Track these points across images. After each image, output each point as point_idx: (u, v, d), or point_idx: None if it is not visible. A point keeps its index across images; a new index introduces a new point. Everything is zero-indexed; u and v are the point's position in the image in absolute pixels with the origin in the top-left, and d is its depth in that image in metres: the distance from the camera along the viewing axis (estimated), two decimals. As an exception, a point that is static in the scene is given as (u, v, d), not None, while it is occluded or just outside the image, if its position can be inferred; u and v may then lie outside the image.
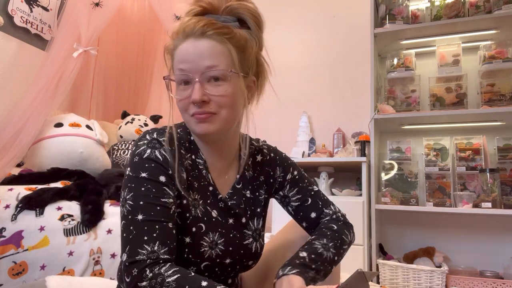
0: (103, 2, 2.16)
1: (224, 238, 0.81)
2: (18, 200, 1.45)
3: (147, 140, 0.77)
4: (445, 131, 2.24)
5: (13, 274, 1.31)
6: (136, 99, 2.95)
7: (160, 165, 0.75)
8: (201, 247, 0.77)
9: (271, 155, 0.95)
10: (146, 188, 0.72)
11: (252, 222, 0.87)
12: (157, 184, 0.73)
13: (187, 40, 0.76)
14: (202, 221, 0.79)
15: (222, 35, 0.76)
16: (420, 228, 2.22)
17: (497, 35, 2.14)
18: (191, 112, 0.77)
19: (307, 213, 0.90)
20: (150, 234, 0.68)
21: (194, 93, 0.74)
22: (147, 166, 0.74)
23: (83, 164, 1.89)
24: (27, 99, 1.87)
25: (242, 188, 0.88)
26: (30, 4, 2.26)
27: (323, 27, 2.74)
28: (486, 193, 1.90)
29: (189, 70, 0.76)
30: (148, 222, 0.69)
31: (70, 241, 1.40)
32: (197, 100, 0.74)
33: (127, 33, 2.90)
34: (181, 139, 0.82)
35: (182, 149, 0.81)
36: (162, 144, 0.77)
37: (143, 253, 0.67)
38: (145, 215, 0.70)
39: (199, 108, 0.75)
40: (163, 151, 0.76)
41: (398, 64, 2.26)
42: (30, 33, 2.26)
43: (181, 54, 0.76)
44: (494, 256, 2.06)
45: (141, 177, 0.73)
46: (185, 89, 0.77)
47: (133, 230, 0.69)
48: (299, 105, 2.68)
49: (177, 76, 0.77)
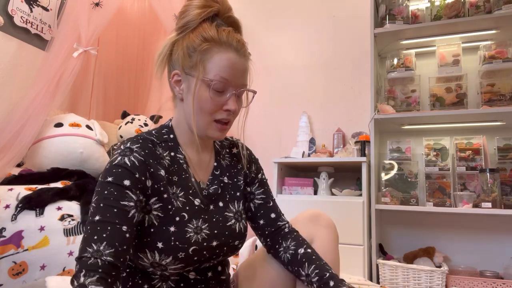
0: (103, 2, 2.16)
1: (208, 223, 0.86)
2: (18, 200, 1.45)
3: (121, 149, 0.81)
4: (445, 131, 2.24)
5: (13, 274, 1.31)
6: (136, 99, 2.95)
7: (126, 170, 0.78)
8: (186, 233, 0.82)
9: (248, 151, 1.05)
10: (108, 191, 0.75)
11: (232, 205, 0.94)
12: (119, 187, 0.76)
13: (231, 51, 0.84)
14: (184, 210, 0.84)
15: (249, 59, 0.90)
16: (420, 228, 2.22)
17: (497, 35, 2.14)
18: (217, 117, 0.85)
19: (268, 213, 0.99)
20: (100, 234, 0.71)
21: (232, 103, 0.84)
22: (114, 172, 0.77)
23: (83, 164, 1.89)
24: (27, 99, 1.87)
25: (220, 175, 0.96)
26: (30, 4, 2.26)
27: (323, 27, 2.74)
28: (486, 193, 1.90)
29: (231, 82, 0.84)
30: (101, 223, 0.72)
31: (70, 241, 1.40)
32: (235, 111, 0.85)
33: (127, 33, 2.90)
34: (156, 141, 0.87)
35: (157, 150, 0.85)
36: (133, 151, 0.81)
37: (89, 251, 0.69)
38: (101, 216, 0.73)
39: (228, 116, 0.86)
40: (132, 158, 0.79)
41: (398, 64, 2.26)
42: (30, 33, 2.26)
43: (226, 65, 0.83)
44: (494, 256, 2.06)
45: (107, 181, 0.76)
46: (219, 95, 0.84)
47: (88, 230, 0.72)
48: (299, 105, 2.68)
49: (217, 83, 0.83)
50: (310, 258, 0.88)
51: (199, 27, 0.85)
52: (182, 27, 0.86)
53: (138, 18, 2.96)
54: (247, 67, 0.88)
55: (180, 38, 0.87)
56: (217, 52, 0.83)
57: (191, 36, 0.84)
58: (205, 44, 0.83)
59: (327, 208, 2.07)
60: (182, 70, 0.86)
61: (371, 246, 2.02)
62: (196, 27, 0.85)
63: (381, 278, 1.94)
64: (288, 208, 1.67)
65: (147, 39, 2.96)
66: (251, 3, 2.97)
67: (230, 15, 0.89)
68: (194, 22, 0.85)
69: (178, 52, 0.86)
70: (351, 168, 2.31)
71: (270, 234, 0.97)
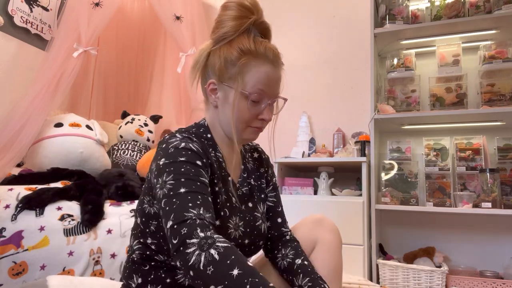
0: (103, 2, 2.16)
1: (243, 221, 0.90)
2: (18, 200, 1.45)
3: (179, 137, 0.83)
4: (445, 131, 2.24)
5: (13, 274, 1.31)
6: (136, 99, 2.95)
7: (195, 153, 0.80)
8: (228, 228, 0.85)
9: (266, 156, 1.10)
10: (185, 169, 0.76)
11: (259, 206, 0.98)
12: (195, 166, 0.78)
13: (267, 64, 0.87)
14: (226, 206, 0.86)
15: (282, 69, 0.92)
16: (420, 228, 2.22)
17: (497, 35, 2.14)
18: (253, 124, 0.89)
19: (275, 216, 1.02)
20: (194, 202, 0.72)
21: (267, 113, 0.89)
22: (184, 153, 0.79)
23: (83, 164, 1.89)
24: (27, 99, 1.86)
25: (247, 177, 0.99)
26: (30, 4, 2.26)
27: (323, 27, 2.74)
28: (486, 193, 1.90)
29: (267, 93, 0.87)
30: (191, 193, 0.73)
31: (70, 241, 1.40)
32: (270, 120, 0.90)
33: (127, 33, 2.90)
34: (200, 138, 0.89)
35: (206, 145, 0.89)
36: (193, 140, 0.84)
37: (190, 215, 0.69)
38: (188, 188, 0.74)
39: (262, 124, 0.91)
40: (195, 145, 0.83)
41: (398, 64, 2.26)
42: (30, 33, 2.26)
43: (264, 77, 0.86)
44: (494, 256, 2.06)
45: (180, 160, 0.77)
46: (255, 106, 0.87)
47: (177, 201, 0.72)
48: (299, 105, 2.68)
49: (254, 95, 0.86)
50: (305, 271, 0.89)
51: (236, 39, 0.86)
52: (219, 37, 0.88)
53: (138, 18, 2.96)
54: (281, 76, 0.91)
55: (216, 48, 0.88)
56: (255, 65, 0.86)
57: (228, 49, 0.86)
58: (243, 58, 0.85)
59: (327, 208, 2.07)
60: (219, 80, 0.88)
61: (371, 246, 2.02)
62: (234, 38, 0.86)
63: (381, 278, 1.95)
64: (288, 208, 1.67)
65: (147, 39, 2.96)
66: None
67: (263, 21, 0.91)
68: (231, 34, 0.86)
69: (215, 62, 0.87)
70: (351, 168, 2.31)
71: (272, 238, 0.99)
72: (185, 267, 0.65)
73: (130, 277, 0.87)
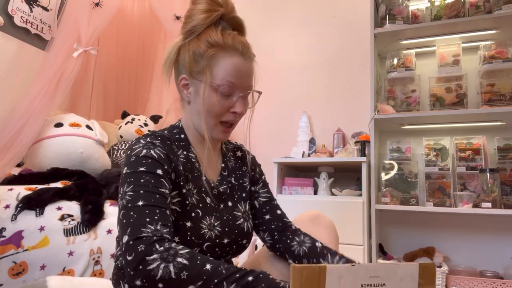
0: (103, 2, 2.16)
1: (220, 220, 0.88)
2: (18, 200, 1.45)
3: (142, 143, 0.83)
4: (445, 131, 2.24)
5: (13, 274, 1.31)
6: (136, 99, 2.95)
7: (155, 161, 0.80)
8: (201, 229, 0.84)
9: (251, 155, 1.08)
10: (145, 180, 0.76)
11: (240, 204, 0.97)
12: (155, 176, 0.77)
13: (236, 56, 0.86)
14: (198, 207, 0.86)
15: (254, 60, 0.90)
16: (420, 228, 2.22)
17: (497, 35, 2.14)
18: (224, 118, 0.87)
19: (274, 209, 1.01)
20: (152, 217, 0.71)
21: (239, 106, 0.87)
22: (144, 162, 0.79)
23: (83, 164, 1.89)
24: (27, 99, 1.86)
25: (228, 176, 0.98)
26: (30, 4, 2.26)
27: (323, 27, 2.74)
28: (486, 193, 1.90)
29: (237, 85, 0.86)
30: (149, 207, 0.72)
31: (70, 241, 1.40)
32: (242, 113, 0.88)
33: (127, 33, 2.90)
34: (171, 139, 0.89)
35: (174, 148, 0.88)
36: (156, 145, 0.83)
37: (147, 231, 0.68)
38: (146, 201, 0.73)
39: (235, 118, 0.88)
40: (157, 150, 0.82)
41: (398, 64, 2.26)
42: (30, 33, 2.26)
43: (232, 69, 0.85)
44: (494, 256, 2.06)
45: (140, 171, 0.77)
46: (226, 99, 0.86)
47: (134, 215, 0.71)
48: (299, 105, 2.68)
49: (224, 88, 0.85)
50: (331, 251, 0.92)
51: (204, 32, 0.86)
52: (188, 31, 0.87)
53: (138, 18, 2.96)
54: (252, 68, 0.90)
55: (186, 43, 0.88)
56: (223, 57, 0.85)
57: (197, 42, 0.86)
58: (211, 50, 0.84)
59: (327, 208, 2.07)
60: (189, 74, 0.88)
61: (371, 246, 2.02)
62: (202, 32, 0.86)
63: (381, 278, 1.94)
64: (288, 208, 1.67)
65: (147, 39, 2.96)
66: (251, 3, 2.97)
67: (233, 16, 0.91)
68: (200, 27, 0.86)
69: (185, 57, 0.87)
70: (351, 168, 2.31)
71: (277, 228, 0.98)
72: (150, 282, 0.64)
73: (117, 283, 0.87)
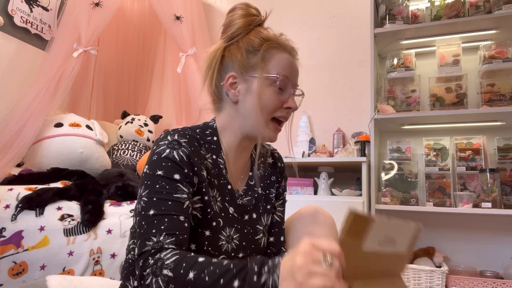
0: (103, 2, 2.16)
1: (239, 233, 0.86)
2: (18, 200, 1.45)
3: (168, 140, 0.80)
4: (445, 131, 2.24)
5: (13, 274, 1.31)
6: (136, 99, 2.95)
7: (175, 164, 0.77)
8: (219, 240, 0.81)
9: (282, 164, 1.04)
10: (160, 185, 0.75)
11: (263, 217, 0.93)
12: (171, 181, 0.76)
13: (287, 52, 0.87)
14: (220, 216, 0.83)
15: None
16: (420, 228, 2.22)
17: (497, 35, 2.14)
18: (277, 114, 0.85)
19: (279, 233, 0.98)
20: (159, 227, 0.71)
21: (293, 101, 0.86)
22: (164, 165, 0.77)
23: (83, 164, 1.89)
24: (27, 99, 1.87)
25: (254, 185, 0.94)
26: (30, 4, 2.26)
27: (323, 27, 2.74)
28: (486, 193, 1.90)
29: (292, 80, 0.87)
30: (158, 216, 0.72)
31: (70, 241, 1.40)
32: (295, 109, 0.87)
33: (127, 33, 2.90)
34: (200, 140, 0.85)
35: (202, 150, 0.84)
36: (182, 145, 0.80)
37: (149, 244, 0.69)
38: (156, 210, 0.73)
39: (287, 114, 0.87)
40: (181, 152, 0.78)
41: (398, 64, 2.26)
42: (30, 33, 2.26)
43: (287, 64, 0.86)
44: (494, 256, 2.06)
45: (157, 174, 0.76)
46: (281, 93, 0.85)
47: (144, 225, 0.72)
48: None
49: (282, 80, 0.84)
50: None
51: (252, 32, 0.87)
52: (231, 35, 0.88)
53: (138, 18, 2.96)
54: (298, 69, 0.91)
55: (234, 42, 0.88)
56: (277, 52, 0.86)
57: (247, 39, 0.86)
58: (265, 44, 0.85)
59: (327, 208, 2.04)
60: (239, 72, 0.86)
61: (371, 246, 2.02)
62: (249, 32, 0.87)
63: (381, 278, 1.94)
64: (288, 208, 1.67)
65: (147, 39, 2.96)
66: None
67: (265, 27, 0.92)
68: (244, 29, 0.87)
69: (235, 55, 0.86)
70: (351, 168, 2.31)
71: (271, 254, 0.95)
72: None
73: (127, 278, 0.86)
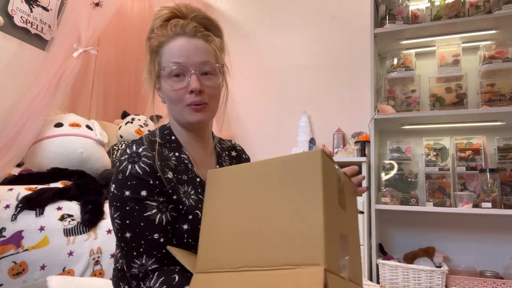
0: (103, 2, 2.16)
1: None
2: (18, 200, 1.45)
3: (128, 154, 0.82)
4: (445, 131, 2.24)
5: (13, 274, 1.31)
6: (136, 99, 2.95)
7: (139, 180, 0.79)
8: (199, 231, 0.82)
9: (246, 156, 1.06)
10: (130, 207, 0.78)
11: None
12: (139, 201, 0.79)
13: (178, 38, 0.84)
14: (197, 208, 0.84)
15: (208, 37, 0.87)
16: (420, 228, 2.22)
17: (497, 35, 2.14)
18: (187, 101, 0.84)
19: None
20: (138, 250, 0.77)
21: (193, 83, 0.82)
22: (129, 184, 0.79)
23: (83, 164, 1.89)
24: (27, 99, 1.87)
25: None
26: (30, 4, 2.26)
27: (323, 27, 2.73)
28: (486, 193, 1.90)
29: (185, 64, 0.83)
30: (135, 239, 0.78)
31: (70, 241, 1.40)
32: (197, 89, 0.82)
33: (127, 33, 2.90)
34: (161, 142, 0.88)
35: (165, 151, 0.87)
36: (141, 156, 0.81)
37: (135, 267, 0.77)
38: (132, 232, 0.78)
39: (195, 97, 0.83)
40: (142, 164, 0.81)
41: (398, 64, 2.26)
42: (30, 33, 2.26)
43: (175, 50, 0.83)
44: (494, 256, 2.06)
45: (125, 196, 0.79)
46: (179, 81, 0.83)
47: (125, 247, 0.78)
48: (299, 105, 2.68)
49: (170, 69, 0.83)
50: None
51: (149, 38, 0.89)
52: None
53: (138, 18, 2.96)
54: (203, 45, 0.85)
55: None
56: (166, 45, 0.85)
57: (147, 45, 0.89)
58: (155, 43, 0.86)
59: (327, 208, 2.06)
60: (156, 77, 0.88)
61: (371, 246, 2.02)
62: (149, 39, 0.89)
63: (381, 278, 1.94)
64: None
65: (147, 39, 2.96)
66: (251, 4, 2.97)
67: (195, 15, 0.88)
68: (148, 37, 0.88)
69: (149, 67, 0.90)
70: (351, 168, 2.31)
71: None
72: None
73: (117, 285, 0.89)
